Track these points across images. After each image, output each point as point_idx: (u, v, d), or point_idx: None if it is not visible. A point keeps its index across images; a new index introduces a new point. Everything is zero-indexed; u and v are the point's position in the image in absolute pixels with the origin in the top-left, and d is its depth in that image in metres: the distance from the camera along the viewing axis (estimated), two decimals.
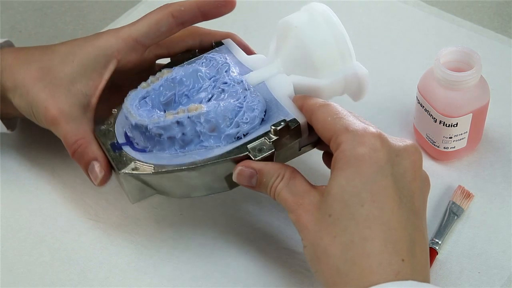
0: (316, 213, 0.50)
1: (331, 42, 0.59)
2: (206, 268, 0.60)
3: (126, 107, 0.58)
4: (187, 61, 0.63)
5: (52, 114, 0.60)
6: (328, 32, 0.59)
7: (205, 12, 0.62)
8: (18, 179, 0.67)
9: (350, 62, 0.60)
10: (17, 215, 0.65)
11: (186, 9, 0.61)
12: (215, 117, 0.56)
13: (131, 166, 0.57)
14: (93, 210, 0.64)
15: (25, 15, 0.86)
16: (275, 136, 0.55)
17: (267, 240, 0.61)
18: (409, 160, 0.51)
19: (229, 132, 0.56)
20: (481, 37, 0.77)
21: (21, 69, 0.61)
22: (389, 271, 0.47)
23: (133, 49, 0.62)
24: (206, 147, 0.57)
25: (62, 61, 0.61)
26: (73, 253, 0.62)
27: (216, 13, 0.62)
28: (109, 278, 0.60)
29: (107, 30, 0.63)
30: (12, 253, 0.62)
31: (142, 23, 0.61)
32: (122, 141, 0.59)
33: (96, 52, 0.61)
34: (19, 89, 0.61)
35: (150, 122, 0.56)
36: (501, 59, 0.74)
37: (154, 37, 0.61)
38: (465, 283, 0.58)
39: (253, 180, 0.55)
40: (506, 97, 0.70)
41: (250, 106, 0.57)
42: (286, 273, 0.59)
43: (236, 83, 0.59)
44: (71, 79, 0.61)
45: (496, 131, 0.68)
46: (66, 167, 0.67)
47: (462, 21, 0.79)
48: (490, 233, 0.61)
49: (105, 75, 0.61)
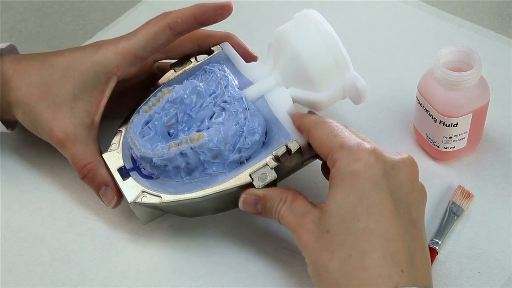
0: (316, 230, 0.51)
1: (325, 53, 0.59)
2: (206, 268, 0.60)
3: (131, 138, 0.59)
4: (186, 71, 0.64)
5: (58, 137, 0.61)
6: (322, 43, 0.60)
7: (201, 21, 0.62)
8: (18, 179, 0.67)
9: (347, 72, 0.60)
10: (17, 215, 0.65)
11: (183, 20, 0.61)
12: (217, 145, 0.57)
13: (140, 196, 0.58)
14: (93, 210, 0.65)
15: (25, 15, 0.86)
16: (276, 162, 0.57)
17: (267, 240, 0.61)
18: (406, 172, 0.51)
19: (232, 159, 0.58)
20: (481, 37, 0.77)
21: (22, 84, 0.62)
22: (388, 282, 0.47)
23: (132, 63, 0.62)
24: (211, 174, 0.58)
25: (63, 77, 0.61)
26: (73, 253, 0.62)
27: (213, 20, 0.63)
28: (109, 278, 0.60)
29: (104, 41, 0.63)
30: (12, 253, 0.62)
31: (140, 37, 0.61)
32: (129, 166, 0.60)
33: (95, 68, 0.61)
34: (21, 107, 0.62)
35: (155, 155, 0.58)
36: (501, 59, 0.74)
37: (152, 49, 0.62)
38: (465, 283, 0.58)
39: (259, 206, 0.56)
40: (506, 97, 0.70)
41: (250, 130, 0.58)
42: (286, 273, 0.59)
43: (236, 101, 0.60)
44: (72, 96, 0.61)
45: (496, 131, 0.68)
46: (66, 167, 0.67)
47: (462, 21, 0.79)
48: (490, 233, 0.61)
49: (106, 92, 0.62)
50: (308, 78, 0.60)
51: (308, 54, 0.59)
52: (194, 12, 0.61)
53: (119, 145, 0.61)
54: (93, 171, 0.60)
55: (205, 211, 0.61)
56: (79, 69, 0.61)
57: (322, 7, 0.83)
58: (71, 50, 0.64)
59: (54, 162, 0.68)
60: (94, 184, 0.60)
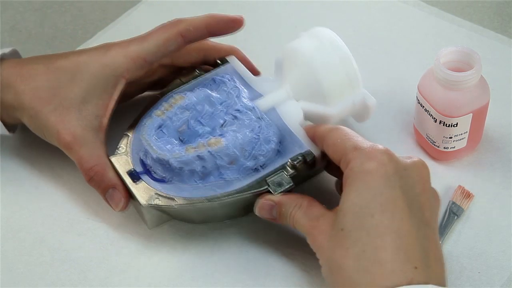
0: (330, 231, 0.52)
1: (340, 70, 0.61)
2: (206, 268, 0.60)
3: (146, 140, 0.59)
4: (195, 80, 0.65)
5: (65, 139, 0.60)
6: (337, 60, 0.61)
7: (213, 32, 0.63)
8: (18, 179, 0.67)
9: (358, 89, 0.62)
10: (17, 215, 0.65)
11: (195, 29, 0.62)
12: (234, 150, 0.58)
13: (153, 198, 0.58)
14: (93, 210, 0.64)
15: (25, 15, 0.86)
16: (292, 170, 0.57)
17: (267, 240, 0.61)
18: (417, 174, 0.52)
19: (247, 165, 0.58)
20: (481, 37, 0.77)
21: (27, 88, 0.61)
22: (402, 278, 0.47)
23: (141, 67, 0.62)
24: (225, 179, 0.58)
25: (71, 81, 0.61)
26: (73, 253, 0.62)
27: (224, 32, 0.64)
28: (109, 278, 0.60)
29: (112, 44, 0.63)
30: (12, 253, 0.62)
31: (151, 42, 0.62)
32: (139, 169, 0.60)
33: (105, 72, 0.61)
34: (27, 111, 0.61)
35: (172, 156, 0.58)
36: (501, 59, 0.74)
37: (161, 55, 0.62)
38: (465, 283, 0.58)
39: (274, 212, 0.56)
40: (506, 97, 0.70)
41: (266, 137, 0.59)
42: (286, 273, 0.59)
43: (249, 110, 0.61)
44: (81, 99, 0.61)
45: (496, 131, 0.68)
46: (66, 167, 0.67)
47: (462, 21, 0.79)
48: (490, 233, 0.61)
49: (115, 95, 0.62)
50: (321, 92, 0.61)
51: (323, 70, 0.61)
52: (206, 22, 0.62)
53: (126, 148, 0.61)
54: (100, 173, 0.60)
55: (216, 217, 0.61)
56: (89, 72, 0.61)
57: (322, 7, 0.83)
58: (76, 53, 0.63)
59: (54, 162, 0.68)
60: (100, 187, 0.60)
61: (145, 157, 0.60)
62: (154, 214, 0.60)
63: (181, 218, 0.61)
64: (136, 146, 0.61)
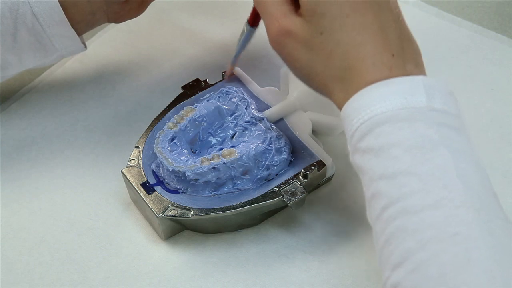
0: (306, 38, 0.51)
1: None
2: (206, 268, 0.60)
3: (161, 152, 0.60)
4: (199, 93, 0.66)
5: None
6: None
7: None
8: (18, 179, 0.67)
9: None
10: (17, 215, 0.65)
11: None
12: (248, 161, 0.58)
13: (169, 209, 0.58)
14: (93, 210, 0.65)
15: None
16: (305, 179, 0.59)
17: (267, 240, 0.61)
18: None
19: (260, 175, 0.59)
20: (481, 37, 0.77)
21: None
22: (382, 68, 0.48)
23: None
24: (239, 190, 0.59)
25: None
26: (73, 253, 0.62)
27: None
28: (109, 278, 0.60)
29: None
30: (12, 253, 0.62)
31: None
32: (152, 181, 0.60)
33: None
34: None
35: (188, 168, 0.58)
36: (501, 59, 0.74)
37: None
38: None
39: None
40: (506, 97, 0.70)
41: (278, 148, 0.60)
42: (286, 273, 0.59)
43: (259, 121, 0.62)
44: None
45: (496, 131, 0.68)
46: (66, 167, 0.67)
47: (462, 21, 0.79)
48: None
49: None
50: (328, 102, 0.61)
51: None
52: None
53: (138, 160, 0.62)
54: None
55: (229, 227, 0.61)
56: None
57: None
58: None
59: (54, 162, 0.68)
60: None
61: (158, 169, 0.61)
62: (168, 225, 0.60)
63: (194, 228, 0.62)
64: (148, 158, 0.62)
